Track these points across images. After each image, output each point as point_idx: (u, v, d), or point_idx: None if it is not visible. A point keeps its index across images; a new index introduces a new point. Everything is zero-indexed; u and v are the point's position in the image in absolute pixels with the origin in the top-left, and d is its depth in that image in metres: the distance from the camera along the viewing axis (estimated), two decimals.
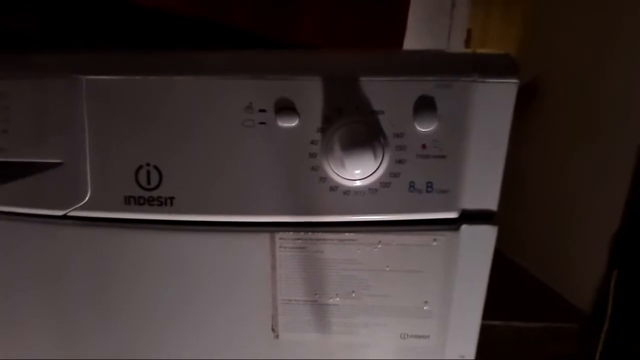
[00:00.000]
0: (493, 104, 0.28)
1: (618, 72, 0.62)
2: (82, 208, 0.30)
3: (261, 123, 0.29)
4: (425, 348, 0.32)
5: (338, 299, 0.31)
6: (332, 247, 0.30)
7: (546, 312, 0.65)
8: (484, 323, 0.32)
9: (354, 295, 0.31)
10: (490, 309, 0.32)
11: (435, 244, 0.30)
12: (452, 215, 0.29)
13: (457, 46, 0.81)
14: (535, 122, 0.85)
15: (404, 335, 0.32)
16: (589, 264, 0.63)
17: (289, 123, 0.28)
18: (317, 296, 0.31)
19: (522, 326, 0.62)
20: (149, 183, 0.30)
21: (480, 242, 0.30)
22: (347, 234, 0.30)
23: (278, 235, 0.30)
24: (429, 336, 0.31)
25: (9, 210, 0.31)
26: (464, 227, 0.30)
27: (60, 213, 0.31)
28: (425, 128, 0.28)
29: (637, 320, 0.55)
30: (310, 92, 0.28)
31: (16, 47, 0.31)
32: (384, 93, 0.28)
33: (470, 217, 0.30)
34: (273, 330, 0.32)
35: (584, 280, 0.64)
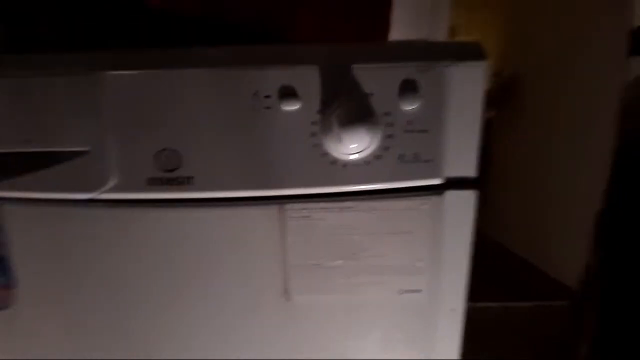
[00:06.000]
0: (466, 84, 0.33)
1: (591, 67, 0.67)
2: (108, 191, 0.34)
3: (267, 108, 0.33)
4: (420, 301, 0.36)
5: (341, 261, 0.35)
6: (334, 215, 0.34)
7: (533, 291, 0.69)
8: (476, 305, 0.36)
9: (354, 256, 0.35)
10: (480, 290, 0.36)
11: (423, 207, 0.34)
12: (437, 181, 0.34)
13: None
14: (518, 114, 0.91)
15: (400, 291, 0.36)
16: (572, 242, 0.68)
17: (292, 107, 0.32)
18: (322, 260, 0.35)
19: (513, 306, 0.65)
20: (169, 165, 0.33)
21: (463, 205, 0.35)
22: (346, 202, 0.34)
23: (287, 207, 0.34)
24: (421, 290, 0.36)
25: (41, 197, 0.34)
26: (448, 192, 0.34)
27: (88, 197, 0.34)
28: (409, 107, 0.32)
29: (624, 298, 0.58)
30: (309, 79, 0.32)
31: (42, 50, 0.35)
32: (373, 78, 0.32)
33: (454, 183, 0.34)
34: (286, 293, 0.36)
35: (568, 257, 0.68)
